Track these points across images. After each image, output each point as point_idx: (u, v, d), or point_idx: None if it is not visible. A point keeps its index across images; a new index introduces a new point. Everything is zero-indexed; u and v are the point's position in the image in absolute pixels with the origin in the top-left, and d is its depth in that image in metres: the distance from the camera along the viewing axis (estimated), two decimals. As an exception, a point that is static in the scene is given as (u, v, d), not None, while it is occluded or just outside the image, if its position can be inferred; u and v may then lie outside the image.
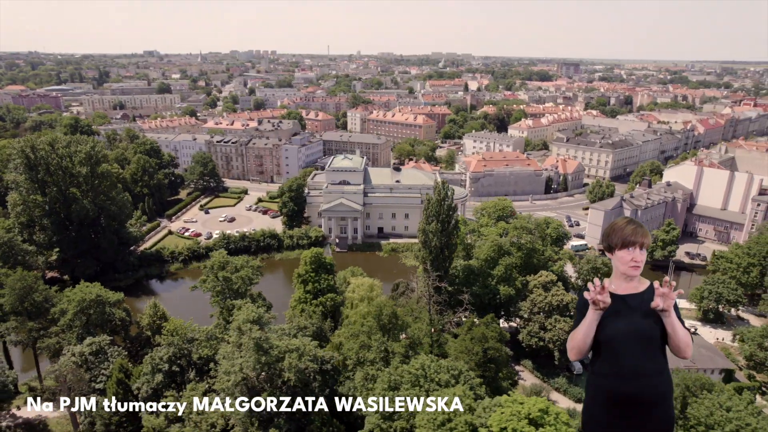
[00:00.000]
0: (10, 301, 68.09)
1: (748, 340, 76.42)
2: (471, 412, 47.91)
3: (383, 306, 61.95)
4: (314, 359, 52.89)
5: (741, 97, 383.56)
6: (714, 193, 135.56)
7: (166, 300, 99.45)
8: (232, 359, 52.76)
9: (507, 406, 46.02)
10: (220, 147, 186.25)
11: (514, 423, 44.18)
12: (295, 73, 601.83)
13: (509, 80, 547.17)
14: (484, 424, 46.61)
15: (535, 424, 44.21)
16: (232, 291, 66.27)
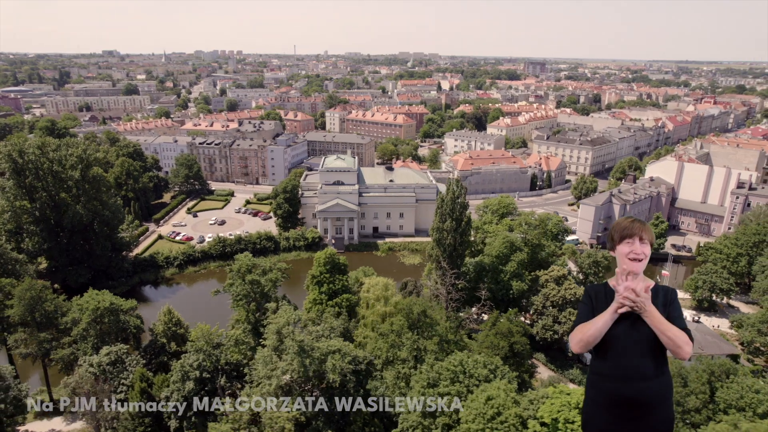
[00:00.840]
0: (19, 312, 65.24)
1: (747, 326, 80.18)
2: (517, 405, 48.81)
3: (413, 304, 62.20)
4: (353, 360, 52.82)
5: (700, 95, 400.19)
6: (694, 187, 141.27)
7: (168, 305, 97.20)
8: (271, 363, 52.21)
9: (555, 397, 47.18)
10: (202, 149, 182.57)
11: (566, 413, 45.35)
12: (265, 73, 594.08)
13: (480, 79, 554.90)
14: (533, 416, 47.64)
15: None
16: (259, 294, 65.21)
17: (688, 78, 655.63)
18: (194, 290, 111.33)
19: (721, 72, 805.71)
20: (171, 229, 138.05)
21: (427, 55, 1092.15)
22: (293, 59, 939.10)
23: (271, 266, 69.35)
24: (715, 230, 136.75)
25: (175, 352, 71.90)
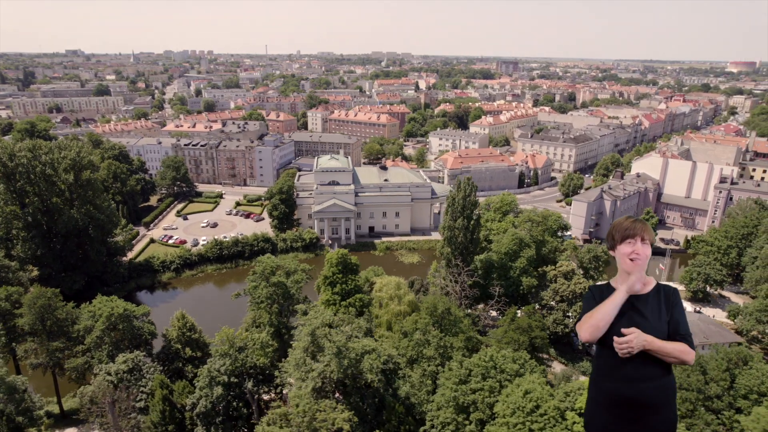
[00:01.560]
0: (29, 320, 63.03)
1: (745, 315, 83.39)
2: (552, 398, 49.73)
3: (437, 302, 62.60)
4: (387, 359, 52.91)
5: (669, 93, 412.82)
6: (678, 182, 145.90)
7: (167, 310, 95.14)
8: (305, 365, 51.83)
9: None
10: (188, 150, 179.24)
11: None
12: (240, 73, 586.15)
13: (455, 79, 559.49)
14: (571, 408, 48.63)
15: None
16: (282, 296, 64.50)
17: (655, 77, 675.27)
18: (193, 294, 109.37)
19: (684, 71, 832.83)
20: (162, 233, 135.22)
21: (400, 55, 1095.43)
22: (266, 59, 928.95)
23: (295, 267, 68.63)
24: (699, 224, 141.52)
25: (190, 358, 70.63)
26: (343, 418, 41.26)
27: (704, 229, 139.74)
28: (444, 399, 54.86)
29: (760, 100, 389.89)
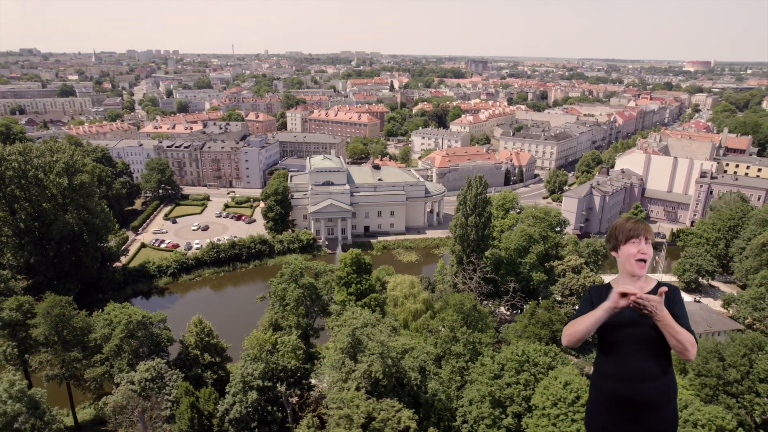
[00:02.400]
0: (45, 331, 60.64)
1: (741, 303, 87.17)
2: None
3: (464, 299, 63.28)
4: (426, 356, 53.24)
5: (636, 91, 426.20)
6: (660, 177, 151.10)
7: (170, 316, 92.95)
8: (344, 366, 51.65)
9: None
10: (171, 152, 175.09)
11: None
12: (210, 73, 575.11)
13: (427, 78, 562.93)
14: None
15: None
16: (309, 299, 63.92)
17: (619, 75, 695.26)
18: (194, 299, 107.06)
19: (645, 70, 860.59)
20: (152, 237, 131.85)
21: (368, 54, 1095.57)
22: (233, 59, 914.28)
23: (324, 268, 68.09)
24: (681, 217, 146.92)
25: (209, 364, 69.32)
26: (408, 416, 41.36)
27: (686, 222, 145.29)
28: (479, 394, 55.55)
29: (719, 98, 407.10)
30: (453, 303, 64.10)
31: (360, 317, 51.00)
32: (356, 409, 41.98)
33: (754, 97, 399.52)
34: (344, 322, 53.13)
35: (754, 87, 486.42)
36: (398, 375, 50.73)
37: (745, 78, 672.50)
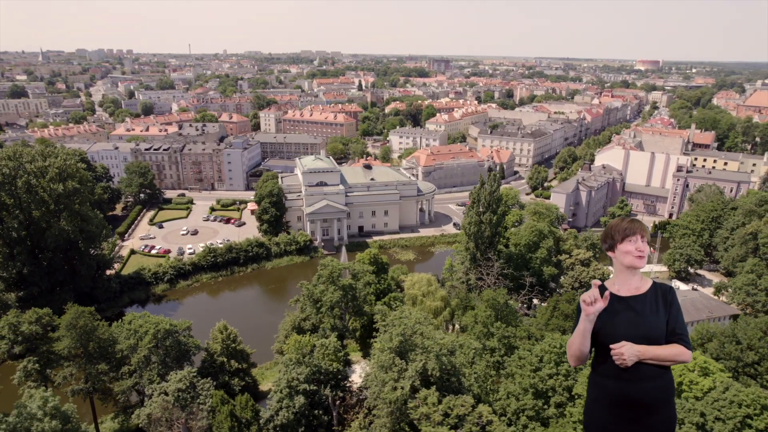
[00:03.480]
0: (70, 344, 57.93)
1: (735, 289, 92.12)
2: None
3: (497, 295, 64.37)
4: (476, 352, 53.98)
5: (597, 89, 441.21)
6: (639, 172, 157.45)
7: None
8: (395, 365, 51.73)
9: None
10: (149, 155, 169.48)
11: (688, 375, 50.40)
12: (170, 74, 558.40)
13: (393, 77, 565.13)
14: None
15: (704, 374, 50.86)
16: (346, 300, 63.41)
17: (576, 74, 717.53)
18: (195, 305, 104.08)
19: (600, 68, 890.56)
20: (140, 243, 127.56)
21: (329, 54, 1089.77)
22: (192, 59, 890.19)
23: (362, 269, 67.69)
24: (660, 210, 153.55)
25: (236, 371, 67.93)
26: (488, 411, 41.88)
27: (665, 214, 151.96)
28: (521, 386, 56.74)
29: (673, 96, 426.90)
30: (485, 299, 65.03)
31: (412, 316, 51.17)
32: (432, 407, 42.19)
33: (705, 94, 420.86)
34: (392, 321, 53.20)
35: (702, 85, 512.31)
36: (452, 371, 51.27)
37: (692, 76, 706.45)
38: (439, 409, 41.78)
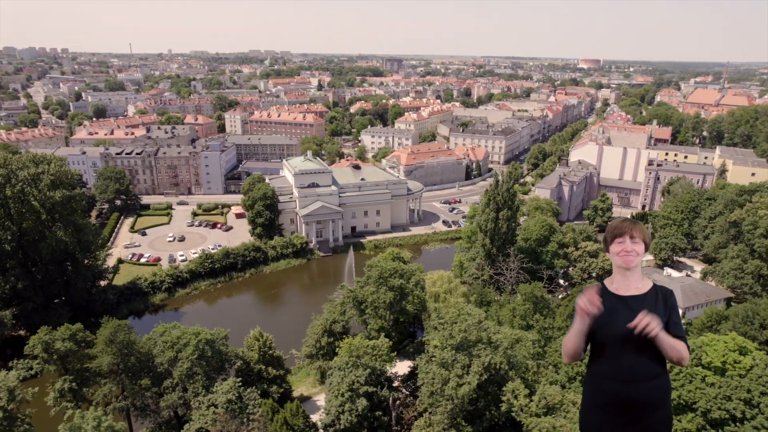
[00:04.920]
0: (111, 360, 54.99)
1: (723, 274, 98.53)
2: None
3: (534, 288, 66.18)
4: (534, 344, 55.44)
5: (549, 87, 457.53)
6: (612, 166, 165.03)
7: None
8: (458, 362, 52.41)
9: (713, 344, 55.39)
10: (120, 160, 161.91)
11: (730, 355, 53.83)
12: (115, 74, 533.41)
13: (349, 77, 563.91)
14: (698, 364, 55.17)
15: (742, 354, 54.46)
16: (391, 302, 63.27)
17: (525, 72, 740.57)
18: (198, 313, 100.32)
19: (545, 67, 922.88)
20: (126, 252, 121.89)
21: (279, 53, 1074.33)
22: (135, 58, 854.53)
23: (411, 269, 67.53)
24: (633, 202, 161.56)
25: (273, 378, 66.51)
26: (572, 399, 43.22)
27: (638, 206, 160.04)
28: (567, 376, 58.76)
29: (620, 93, 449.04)
30: (522, 293, 66.74)
31: (475, 314, 51.98)
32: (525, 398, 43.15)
33: (648, 92, 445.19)
34: (451, 319, 53.81)
35: (644, 83, 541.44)
36: (515, 364, 52.52)
37: (631, 75, 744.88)
38: (534, 400, 42.75)
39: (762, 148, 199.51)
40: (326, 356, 73.76)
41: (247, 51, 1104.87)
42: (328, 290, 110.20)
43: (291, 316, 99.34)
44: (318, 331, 72.35)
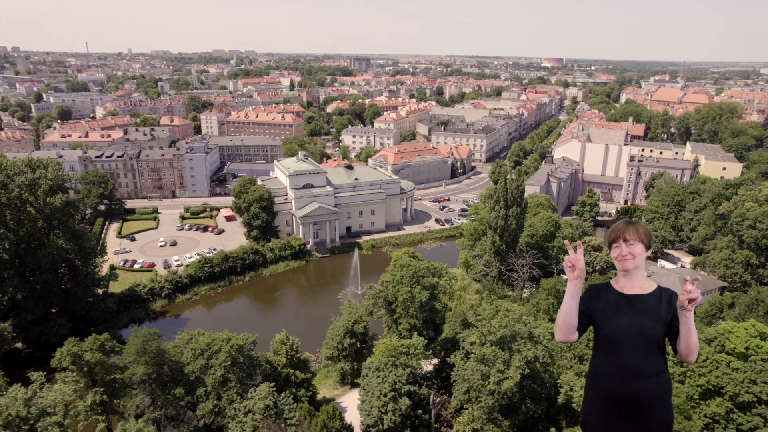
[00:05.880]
0: (147, 370, 53.26)
1: (715, 264, 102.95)
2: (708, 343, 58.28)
3: (557, 282, 67.60)
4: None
5: (519, 86, 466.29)
6: (594, 163, 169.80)
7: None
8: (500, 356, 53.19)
9: (735, 332, 57.89)
10: (101, 163, 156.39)
11: (752, 341, 56.43)
12: (75, 74, 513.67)
13: (319, 76, 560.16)
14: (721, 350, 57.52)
15: (763, 339, 57.17)
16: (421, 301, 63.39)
17: (492, 71, 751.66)
18: (201, 318, 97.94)
19: (510, 66, 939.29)
20: (117, 258, 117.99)
21: (243, 53, 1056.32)
22: (93, 58, 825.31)
23: (444, 267, 67.66)
24: (615, 197, 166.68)
25: (301, 382, 65.79)
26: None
27: (621, 200, 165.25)
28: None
29: (588, 91, 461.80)
30: (545, 288, 68.10)
31: (515, 310, 52.84)
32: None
33: (613, 90, 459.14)
34: (489, 316, 54.53)
35: (608, 82, 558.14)
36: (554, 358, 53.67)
37: (593, 73, 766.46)
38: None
39: (728, 144, 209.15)
40: (348, 358, 73.54)
41: (210, 51, 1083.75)
42: (332, 291, 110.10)
43: (298, 318, 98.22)
44: (339, 332, 71.90)
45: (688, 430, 47.75)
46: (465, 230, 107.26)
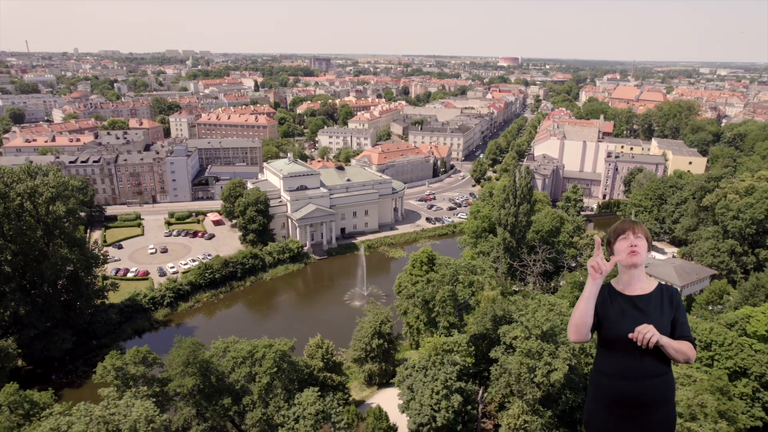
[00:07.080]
0: (195, 382, 51.60)
1: (703, 254, 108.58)
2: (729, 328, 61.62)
3: (581, 274, 69.71)
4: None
5: (483, 86, 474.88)
6: (573, 159, 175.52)
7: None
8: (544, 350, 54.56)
9: (755, 315, 61.55)
10: (75, 168, 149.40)
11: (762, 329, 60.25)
12: (20, 75, 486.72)
13: (282, 77, 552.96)
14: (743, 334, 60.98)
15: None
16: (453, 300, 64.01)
17: (451, 70, 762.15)
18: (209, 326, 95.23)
19: (467, 65, 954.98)
20: (108, 267, 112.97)
21: (198, 53, 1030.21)
22: (36, 57, 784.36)
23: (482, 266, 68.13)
24: (594, 192, 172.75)
25: (338, 385, 65.37)
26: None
27: (599, 196, 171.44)
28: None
29: (547, 89, 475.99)
30: (571, 282, 70.19)
31: (559, 302, 54.30)
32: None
33: (572, 89, 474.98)
34: (533, 310, 55.88)
35: (565, 80, 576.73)
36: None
37: (549, 72, 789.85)
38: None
39: (689, 139, 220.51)
40: (376, 359, 73.50)
41: (164, 51, 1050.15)
42: (336, 293, 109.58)
43: (307, 322, 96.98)
44: (367, 333, 71.79)
45: (733, 409, 50.45)
46: (467, 228, 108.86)
